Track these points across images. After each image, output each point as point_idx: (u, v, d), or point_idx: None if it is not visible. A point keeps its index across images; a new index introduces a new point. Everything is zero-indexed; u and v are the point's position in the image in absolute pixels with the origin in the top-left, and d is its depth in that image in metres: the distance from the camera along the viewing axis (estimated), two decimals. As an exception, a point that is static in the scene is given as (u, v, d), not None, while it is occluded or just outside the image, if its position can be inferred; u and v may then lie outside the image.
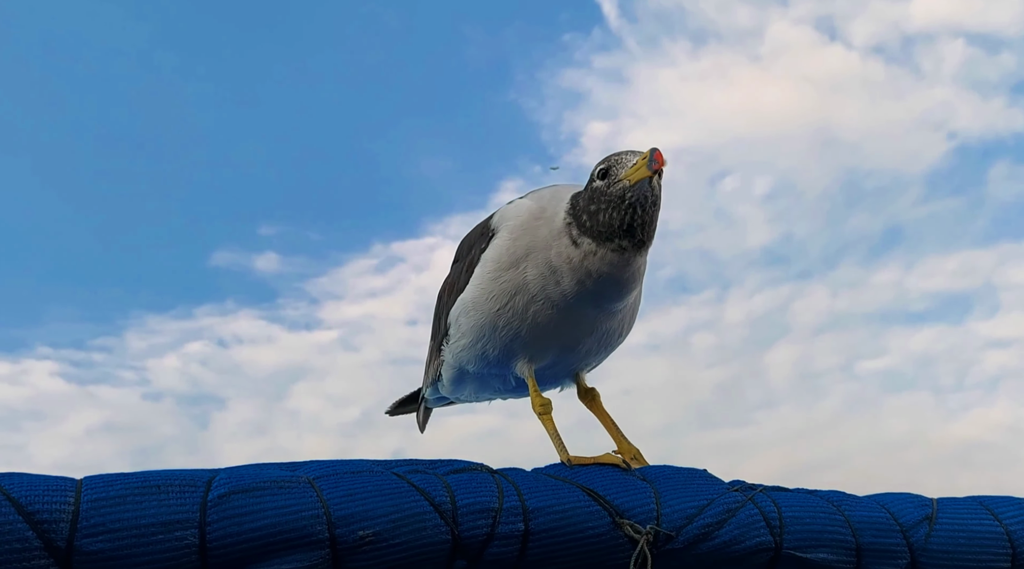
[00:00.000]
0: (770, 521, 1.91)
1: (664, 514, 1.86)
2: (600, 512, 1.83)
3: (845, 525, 1.96)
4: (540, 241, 2.23)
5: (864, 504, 2.04)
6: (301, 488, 1.67)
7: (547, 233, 2.22)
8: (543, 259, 2.21)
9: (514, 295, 2.25)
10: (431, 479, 1.80)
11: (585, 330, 2.29)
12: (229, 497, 1.60)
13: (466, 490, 1.78)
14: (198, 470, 1.67)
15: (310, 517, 1.63)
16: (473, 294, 2.34)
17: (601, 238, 2.10)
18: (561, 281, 2.18)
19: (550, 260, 2.19)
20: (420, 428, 3.01)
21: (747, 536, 1.88)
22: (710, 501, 1.91)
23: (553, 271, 2.19)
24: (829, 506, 1.99)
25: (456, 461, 1.93)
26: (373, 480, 1.75)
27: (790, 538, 1.90)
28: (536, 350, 2.31)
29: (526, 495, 1.82)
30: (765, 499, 1.97)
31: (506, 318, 2.27)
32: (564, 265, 2.17)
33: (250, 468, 1.74)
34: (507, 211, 2.39)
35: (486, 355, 2.37)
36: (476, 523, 1.74)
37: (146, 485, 1.57)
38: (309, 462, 1.82)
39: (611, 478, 1.94)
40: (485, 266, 2.32)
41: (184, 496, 1.58)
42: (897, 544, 1.97)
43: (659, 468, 2.06)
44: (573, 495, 1.85)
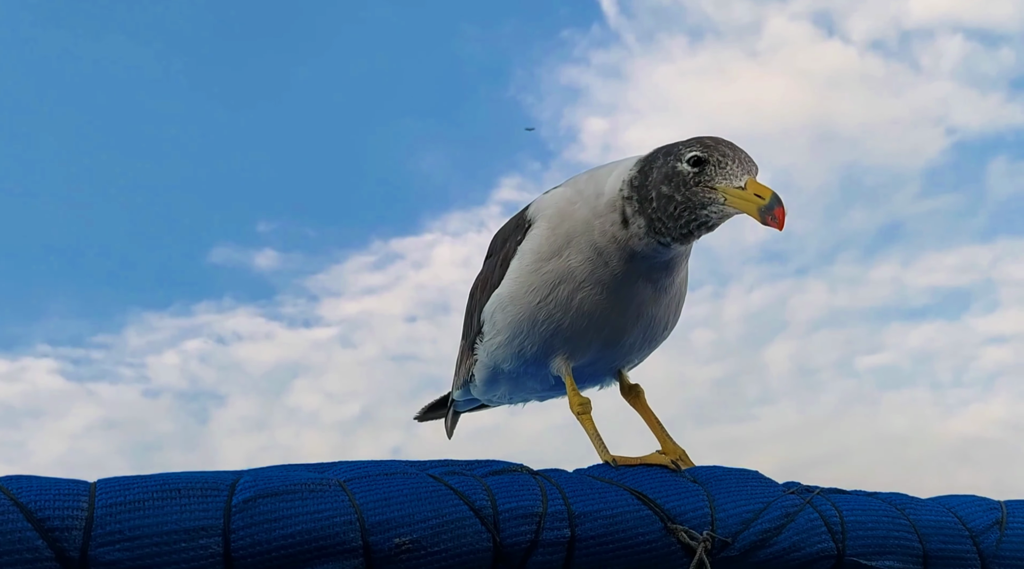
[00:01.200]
0: (831, 526, 1.78)
1: (719, 519, 1.73)
2: (651, 517, 1.70)
3: (911, 530, 1.83)
4: (580, 224, 2.10)
5: (929, 508, 1.91)
6: (332, 492, 1.55)
7: (587, 213, 2.10)
8: (587, 242, 2.09)
9: (557, 285, 2.12)
10: (470, 482, 1.67)
11: (632, 316, 2.15)
12: (255, 501, 1.48)
13: (507, 493, 1.66)
14: (221, 472, 1.55)
15: (343, 523, 1.50)
16: (510, 288, 2.21)
17: (654, 229, 1.97)
18: (610, 261, 2.06)
19: (594, 242, 2.07)
20: (448, 433, 2.88)
21: (808, 542, 1.75)
22: (766, 505, 1.79)
23: (599, 252, 2.07)
24: (892, 510, 1.86)
25: (494, 462, 1.81)
26: (408, 483, 1.62)
27: (853, 544, 1.77)
28: (577, 345, 2.18)
29: (571, 498, 1.69)
30: (824, 502, 1.84)
31: (547, 311, 2.14)
32: (610, 245, 2.05)
33: (276, 470, 1.62)
34: (543, 201, 2.26)
35: (523, 352, 2.24)
36: (519, 529, 1.61)
37: (166, 488, 1.45)
38: (338, 463, 1.70)
39: (660, 480, 1.81)
40: (523, 259, 2.19)
41: (207, 500, 1.46)
42: (967, 550, 1.84)
43: (709, 469, 1.93)
44: (621, 498, 1.72)
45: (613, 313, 2.12)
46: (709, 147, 1.92)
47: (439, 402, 2.90)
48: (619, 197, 2.04)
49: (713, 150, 1.91)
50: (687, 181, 1.91)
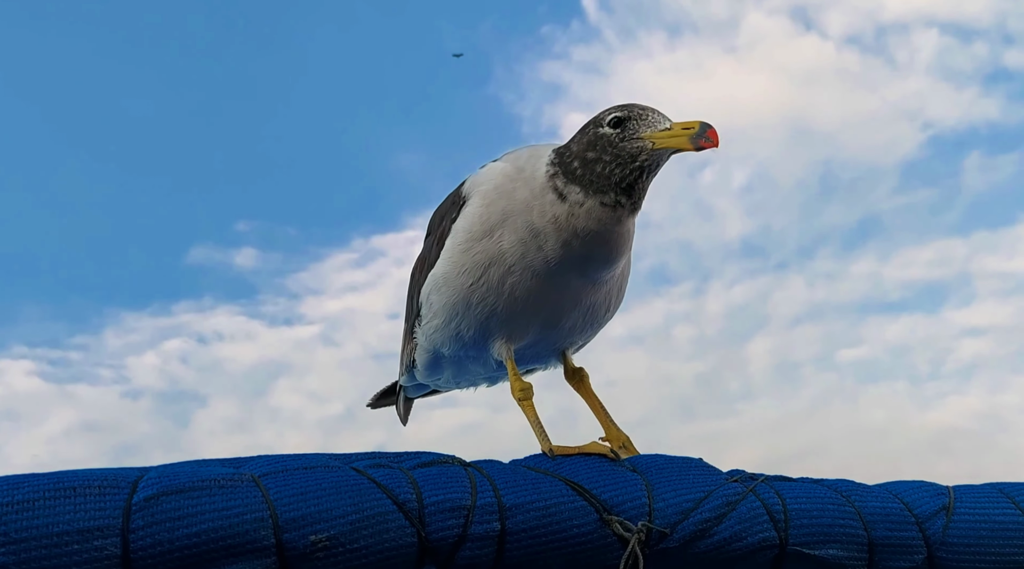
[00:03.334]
0: (774, 514, 1.72)
1: (657, 509, 1.67)
2: (586, 508, 1.63)
3: (856, 517, 1.77)
4: (518, 203, 2.02)
5: (876, 494, 1.86)
6: (244, 487, 1.46)
7: (527, 193, 2.01)
8: (523, 222, 2.00)
9: (488, 267, 2.04)
10: (395, 474, 1.59)
11: (568, 303, 2.09)
12: (158, 499, 1.38)
13: (434, 486, 1.58)
14: (125, 469, 1.46)
15: (253, 521, 1.41)
16: (444, 269, 2.12)
17: (592, 189, 1.91)
18: (544, 245, 1.98)
19: (532, 222, 1.99)
20: (402, 420, 2.80)
21: (749, 532, 1.69)
22: (707, 493, 1.72)
23: (535, 234, 1.98)
24: (838, 497, 1.80)
25: (424, 453, 1.73)
26: (328, 477, 1.54)
27: (796, 533, 1.72)
28: (515, 328, 2.10)
29: (502, 490, 1.61)
30: (768, 490, 1.78)
31: (480, 293, 2.06)
32: (548, 226, 1.96)
33: (187, 465, 1.52)
34: (479, 176, 2.17)
35: (461, 335, 2.16)
36: (446, 523, 1.54)
37: (60, 487, 1.35)
38: (257, 457, 1.61)
39: (598, 470, 1.74)
40: (456, 237, 2.11)
41: (104, 499, 1.36)
42: (913, 537, 1.79)
43: (651, 457, 1.86)
44: (555, 489, 1.65)
45: (548, 300, 2.05)
46: (625, 107, 1.94)
47: (391, 388, 2.82)
48: (547, 178, 1.97)
49: (631, 108, 1.93)
50: (612, 141, 1.91)
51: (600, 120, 1.95)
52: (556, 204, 1.94)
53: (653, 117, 1.90)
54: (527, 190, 2.01)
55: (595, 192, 1.91)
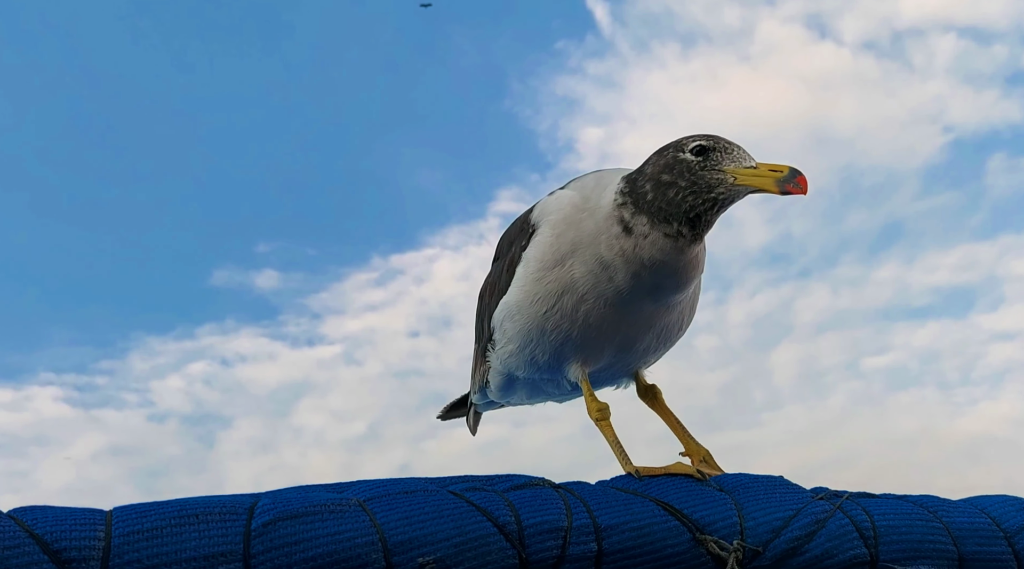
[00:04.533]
0: (863, 531, 1.74)
1: (748, 528, 1.69)
2: (679, 528, 1.66)
3: (945, 533, 1.78)
4: (586, 235, 2.05)
5: (962, 509, 1.86)
6: (353, 512, 1.51)
7: (593, 225, 2.04)
8: (592, 254, 2.03)
9: (561, 295, 2.08)
10: (492, 497, 1.63)
11: (642, 327, 2.12)
12: (275, 524, 1.44)
13: (531, 508, 1.62)
14: (238, 495, 1.52)
15: (365, 544, 1.47)
16: (517, 297, 2.17)
17: (658, 218, 1.92)
18: (615, 277, 2.01)
19: (600, 255, 2.02)
20: (471, 431, 2.85)
21: (840, 549, 1.70)
22: (796, 511, 1.74)
23: (604, 267, 2.02)
24: (925, 513, 1.81)
25: (515, 476, 1.77)
26: (429, 500, 1.59)
27: (887, 549, 1.73)
28: (590, 352, 2.14)
29: (596, 511, 1.65)
30: (854, 507, 1.79)
31: (554, 321, 2.10)
32: (617, 258, 1.99)
33: (294, 491, 1.58)
34: (548, 203, 2.21)
35: (535, 360, 2.21)
36: (545, 544, 1.57)
37: (183, 514, 1.42)
38: (357, 482, 1.67)
39: (686, 490, 1.77)
40: (528, 266, 2.15)
41: (226, 525, 1.42)
42: (1003, 552, 1.79)
43: (736, 477, 1.89)
44: (648, 510, 1.68)
45: (622, 326, 2.08)
46: (712, 138, 1.93)
47: (460, 401, 2.87)
48: (614, 207, 1.99)
49: (717, 139, 1.93)
50: (692, 167, 1.91)
51: (682, 145, 1.95)
52: (622, 237, 1.97)
53: (739, 153, 1.91)
54: (593, 222, 2.04)
55: (660, 221, 1.92)
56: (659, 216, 1.92)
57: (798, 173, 1.83)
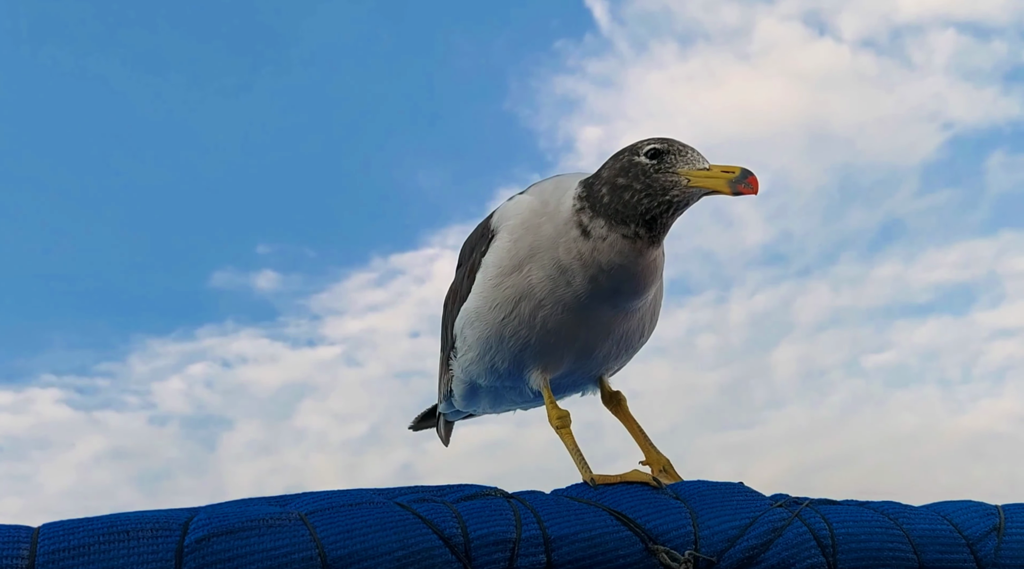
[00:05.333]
0: (821, 540, 1.71)
1: (703, 537, 1.66)
2: (631, 537, 1.62)
3: (905, 541, 1.75)
4: (545, 240, 2.03)
5: (924, 516, 1.83)
6: (292, 526, 1.47)
7: (552, 229, 2.02)
8: (550, 259, 2.01)
9: (519, 301, 2.05)
10: (439, 509, 1.59)
11: (601, 334, 2.09)
12: (209, 540, 1.40)
13: (479, 519, 1.58)
14: (176, 510, 1.47)
15: (302, 560, 1.42)
16: (476, 303, 2.14)
17: (615, 221, 1.91)
18: (572, 281, 1.99)
19: (558, 259, 2.00)
20: (444, 442, 2.82)
21: (798, 557, 1.67)
22: (753, 520, 1.71)
23: (563, 271, 1.99)
24: (885, 520, 1.78)
25: (467, 486, 1.73)
26: (374, 513, 1.55)
27: (845, 558, 1.70)
28: (549, 359, 2.11)
29: (547, 522, 1.61)
30: (813, 514, 1.76)
31: (512, 327, 2.07)
32: (575, 262, 1.97)
33: (234, 505, 1.54)
34: (507, 209, 2.19)
35: (496, 368, 2.17)
36: (492, 557, 1.54)
37: (113, 531, 1.37)
38: (302, 495, 1.62)
39: (641, 498, 1.74)
40: (487, 272, 2.13)
41: (157, 542, 1.38)
42: (964, 559, 1.76)
43: (693, 484, 1.85)
44: (600, 520, 1.64)
45: (580, 332, 2.05)
46: (665, 141, 1.93)
47: (431, 411, 2.83)
48: (572, 211, 1.98)
49: (671, 142, 1.92)
50: (647, 170, 1.90)
51: (637, 149, 1.95)
52: (580, 240, 1.95)
53: (692, 155, 1.90)
54: (552, 226, 2.02)
55: (618, 223, 1.91)
56: (616, 218, 1.91)
57: (749, 173, 1.82)
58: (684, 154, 1.90)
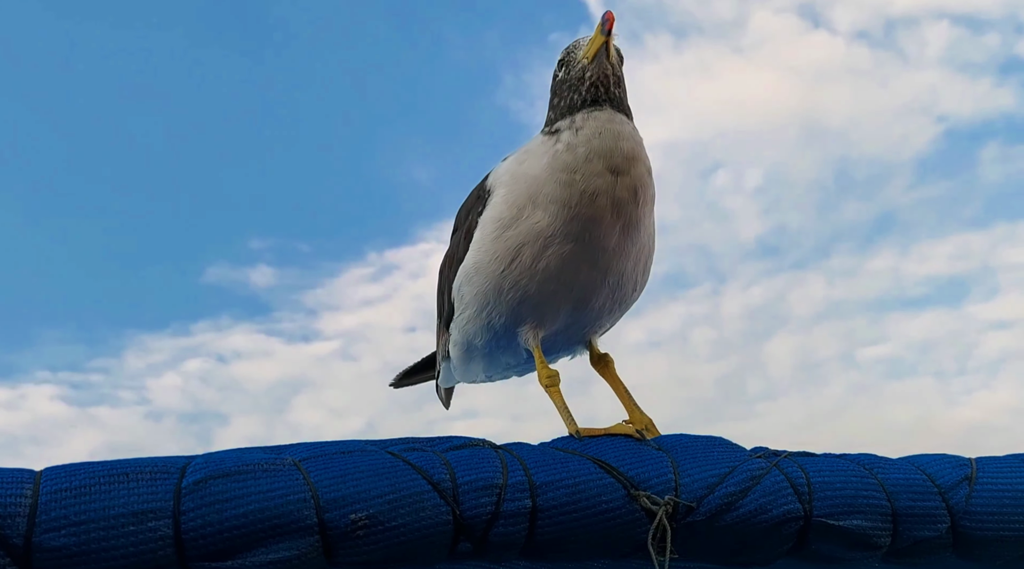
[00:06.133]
0: (798, 488, 1.77)
1: (683, 484, 1.72)
2: (614, 484, 1.68)
3: (879, 489, 1.81)
4: (535, 179, 2.14)
5: (898, 466, 1.89)
6: (286, 471, 1.53)
7: (537, 164, 2.15)
8: (545, 195, 2.11)
9: (521, 248, 2.12)
10: (429, 457, 1.65)
11: (601, 269, 2.14)
12: (206, 483, 1.46)
13: (467, 467, 1.64)
14: (173, 457, 1.53)
15: (297, 501, 1.48)
16: (475, 258, 2.21)
17: (569, 112, 2.18)
18: (570, 202, 2.09)
19: (552, 191, 2.11)
20: (445, 405, 2.89)
21: (774, 504, 1.73)
22: (732, 468, 1.77)
23: (561, 202, 2.09)
24: (861, 470, 1.84)
25: (456, 438, 1.79)
26: (365, 460, 1.61)
27: (820, 505, 1.76)
28: (546, 312, 2.17)
29: (532, 470, 1.67)
30: (791, 464, 1.82)
31: (513, 277, 2.13)
32: (563, 172, 2.10)
33: (231, 452, 1.60)
34: (498, 169, 2.30)
35: (492, 324, 2.23)
36: (479, 501, 1.60)
37: (113, 473, 1.43)
38: (297, 445, 1.68)
39: (624, 448, 1.79)
40: (485, 228, 2.19)
41: (156, 484, 1.44)
42: (936, 507, 1.82)
43: (675, 437, 1.91)
44: (584, 467, 1.70)
45: (583, 267, 2.11)
46: (565, 50, 2.30)
47: (413, 368, 2.89)
48: (542, 136, 2.22)
49: (569, 47, 2.29)
50: (563, 79, 2.25)
51: (555, 71, 2.29)
52: (557, 142, 2.15)
53: (582, 42, 2.24)
54: (537, 161, 2.15)
55: (575, 111, 2.18)
56: (571, 110, 2.18)
57: (606, 12, 2.16)
58: (577, 46, 2.25)
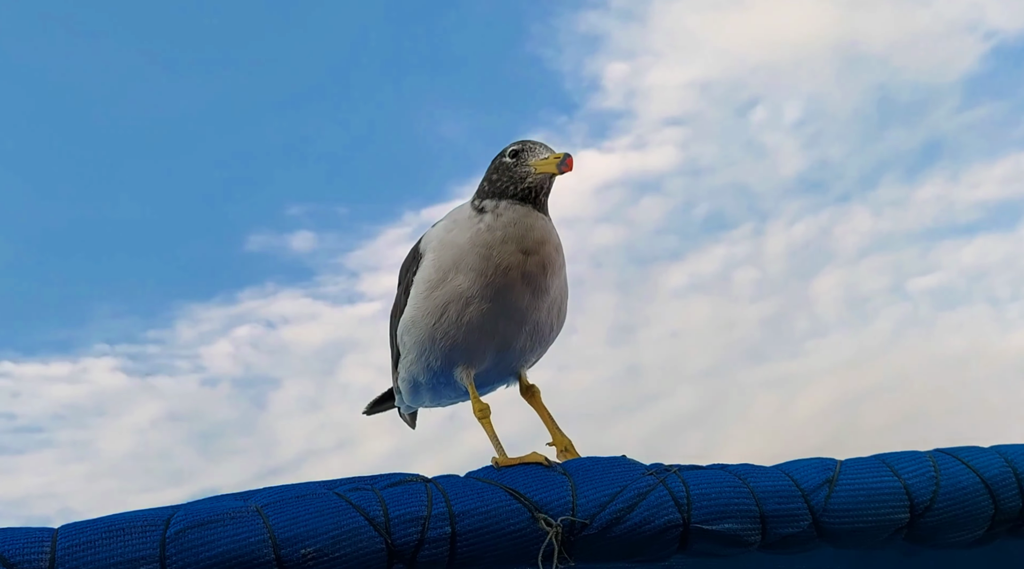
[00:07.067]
0: (678, 500, 2.13)
1: (579, 505, 2.08)
2: (520, 509, 2.06)
3: (749, 496, 2.16)
4: (460, 248, 2.51)
5: (769, 474, 2.24)
6: (250, 517, 1.93)
7: (462, 236, 2.52)
8: (466, 264, 2.49)
9: (447, 306, 2.50)
10: (368, 495, 2.04)
11: (517, 322, 2.52)
12: (185, 532, 1.86)
13: (398, 502, 2.02)
14: (159, 509, 1.93)
15: (257, 542, 1.88)
16: (412, 314, 2.59)
17: (501, 197, 2.51)
18: (486, 272, 2.46)
19: (473, 262, 2.48)
20: (411, 426, 3.28)
21: (657, 516, 2.09)
22: (623, 487, 2.13)
23: (478, 271, 2.48)
24: (735, 479, 2.20)
25: (395, 474, 2.17)
26: (315, 502, 2.00)
27: (697, 513, 2.12)
28: (473, 355, 2.55)
29: (453, 501, 2.05)
30: (675, 479, 2.18)
31: (443, 329, 2.52)
32: (487, 236, 2.47)
33: (207, 501, 1.99)
34: (429, 234, 2.67)
35: (430, 366, 2.62)
36: (407, 531, 1.98)
37: (112, 529, 1.84)
38: (261, 490, 2.07)
39: (533, 476, 2.16)
40: (418, 288, 2.57)
41: (146, 535, 1.84)
42: (798, 508, 2.17)
43: (580, 461, 2.28)
44: (496, 496, 2.08)
45: (500, 320, 2.49)
46: (524, 143, 2.55)
47: (385, 395, 3.28)
48: (471, 209, 2.55)
49: (527, 143, 2.55)
50: (509, 167, 2.53)
51: (504, 152, 2.58)
52: (481, 221, 2.50)
53: (539, 149, 2.53)
54: (462, 233, 2.52)
55: (502, 198, 2.51)
56: (500, 196, 2.51)
57: (567, 155, 2.43)
58: (534, 150, 2.53)
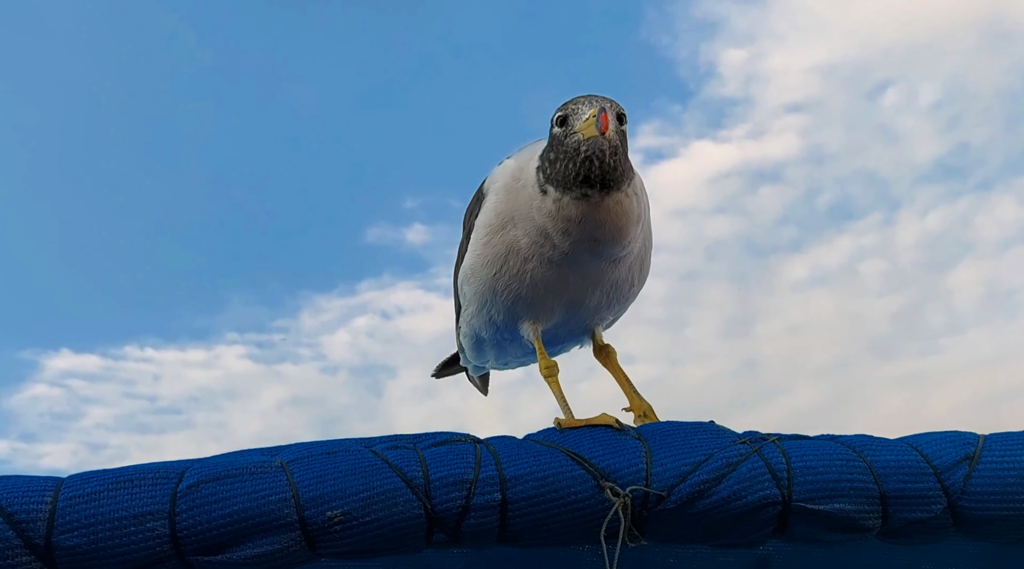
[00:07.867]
0: (776, 473, 1.76)
1: (655, 474, 1.75)
2: (584, 476, 1.75)
3: (867, 471, 1.78)
4: (523, 205, 2.16)
5: (892, 447, 1.84)
6: (273, 473, 1.69)
7: (526, 196, 2.16)
8: (528, 221, 2.15)
9: (507, 257, 2.20)
10: (407, 454, 1.77)
11: (589, 284, 2.20)
12: (198, 486, 1.64)
13: (441, 463, 1.75)
14: (174, 462, 1.72)
15: (278, 501, 1.64)
16: (471, 261, 2.31)
17: (563, 187, 2.03)
18: (550, 238, 2.11)
19: (534, 220, 2.13)
20: (482, 392, 3.02)
21: (749, 490, 1.74)
22: (709, 456, 1.79)
23: (540, 231, 2.12)
24: (848, 452, 1.81)
25: (441, 433, 1.89)
26: (347, 460, 1.74)
27: (800, 489, 1.75)
28: (540, 311, 2.25)
29: (505, 464, 1.76)
30: (773, 450, 1.81)
31: (504, 281, 2.22)
32: (547, 221, 2.09)
33: (227, 456, 1.77)
34: (495, 173, 2.34)
35: (493, 320, 2.33)
36: (450, 496, 1.70)
37: (119, 480, 1.64)
38: (290, 446, 1.84)
39: (601, 440, 1.84)
40: (478, 232, 2.28)
41: (156, 488, 1.63)
42: (930, 488, 1.77)
43: (658, 425, 1.94)
44: (556, 460, 1.77)
45: (568, 284, 2.17)
46: (567, 105, 2.02)
47: (455, 357, 3.01)
48: (536, 178, 2.11)
49: (569, 105, 2.01)
50: (560, 139, 2.02)
51: (552, 121, 2.07)
52: (547, 202, 2.08)
53: (583, 108, 1.98)
54: (526, 191, 2.17)
55: (564, 189, 2.03)
56: (562, 185, 2.03)
57: (601, 111, 1.93)
58: (576, 110, 2.00)
